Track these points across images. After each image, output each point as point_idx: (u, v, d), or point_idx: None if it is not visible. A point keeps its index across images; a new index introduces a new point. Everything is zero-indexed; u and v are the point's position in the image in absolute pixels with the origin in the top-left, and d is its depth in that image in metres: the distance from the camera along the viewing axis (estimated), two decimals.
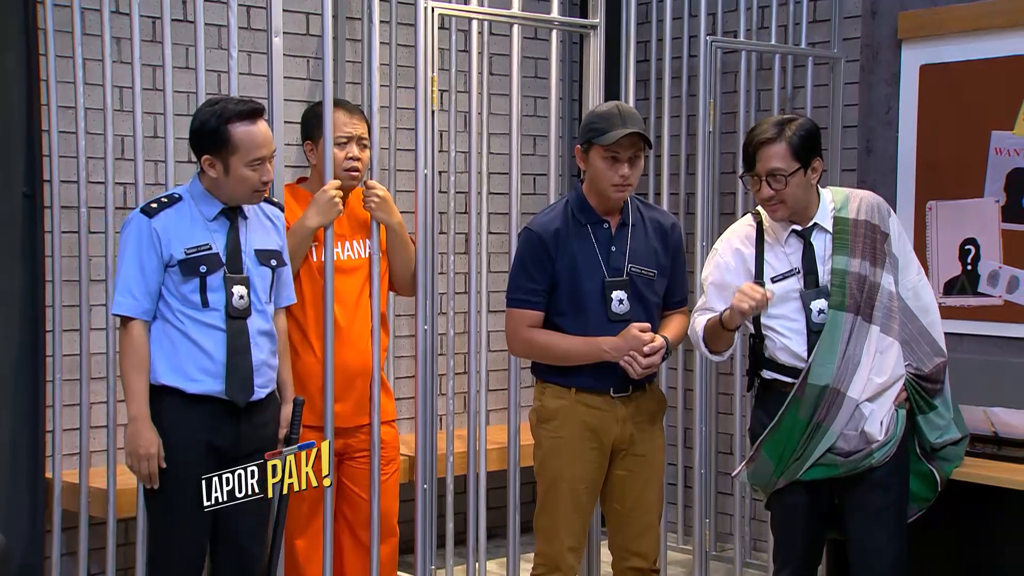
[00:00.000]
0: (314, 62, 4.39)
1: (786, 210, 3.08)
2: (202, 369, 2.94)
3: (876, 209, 3.14)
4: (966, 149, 4.20)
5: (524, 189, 4.39)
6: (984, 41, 4.15)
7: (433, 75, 3.68)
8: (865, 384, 3.04)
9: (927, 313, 3.16)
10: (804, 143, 3.05)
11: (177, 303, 2.94)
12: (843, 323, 3.04)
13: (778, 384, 3.12)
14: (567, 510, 3.15)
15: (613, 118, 3.07)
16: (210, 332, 2.95)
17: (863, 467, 3.05)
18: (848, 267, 3.06)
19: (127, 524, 3.73)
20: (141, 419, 2.91)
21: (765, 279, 3.11)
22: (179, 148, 3.64)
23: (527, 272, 3.13)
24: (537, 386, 3.24)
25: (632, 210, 3.19)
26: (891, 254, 3.12)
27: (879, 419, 3.04)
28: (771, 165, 3.03)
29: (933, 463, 3.17)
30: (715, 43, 4.28)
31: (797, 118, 3.10)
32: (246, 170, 2.94)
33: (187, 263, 2.93)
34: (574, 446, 3.14)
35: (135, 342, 2.93)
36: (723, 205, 4.58)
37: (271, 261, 3.06)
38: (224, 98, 3.01)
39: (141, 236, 2.93)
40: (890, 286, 3.09)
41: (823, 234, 3.11)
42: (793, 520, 3.14)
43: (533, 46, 4.73)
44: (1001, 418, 3.43)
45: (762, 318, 3.11)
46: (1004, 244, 4.14)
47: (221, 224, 3.00)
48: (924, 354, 3.14)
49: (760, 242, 3.14)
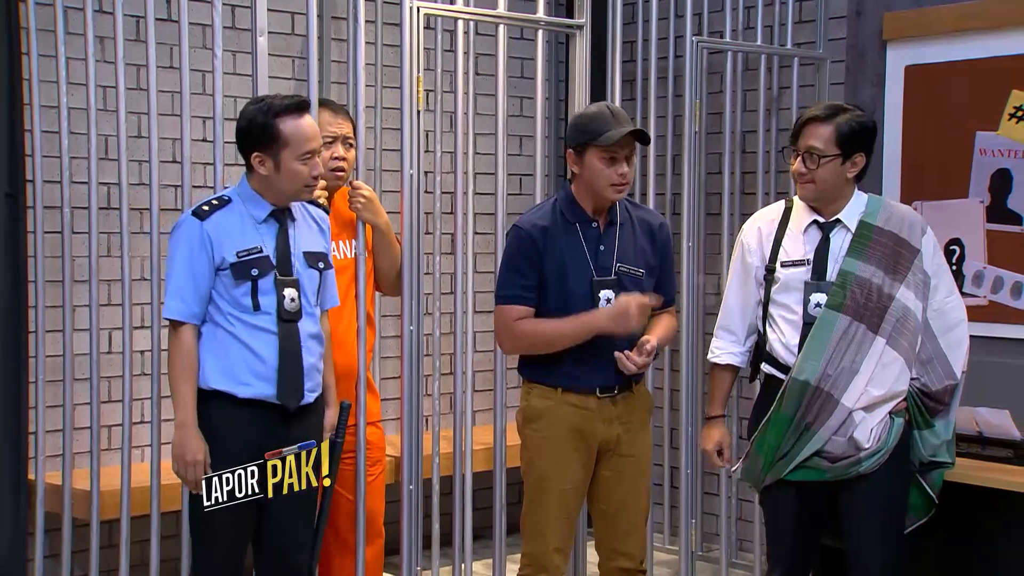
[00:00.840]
0: (299, 62, 4.40)
1: (814, 190, 3.08)
2: (253, 373, 2.94)
3: (908, 224, 3.12)
4: (951, 150, 4.24)
5: (510, 189, 4.41)
6: (969, 42, 4.19)
7: (419, 75, 3.69)
8: (861, 394, 3.04)
9: (947, 335, 3.14)
10: (853, 134, 3.04)
11: (228, 306, 2.94)
12: (837, 324, 3.04)
13: (773, 381, 3.14)
14: (554, 511, 3.16)
15: (606, 118, 3.08)
16: (262, 335, 2.95)
17: (851, 474, 3.05)
18: (857, 271, 3.06)
19: (111, 526, 3.74)
20: (189, 425, 2.91)
21: (776, 263, 3.12)
22: (163, 148, 3.65)
23: (516, 269, 3.14)
24: (524, 386, 3.25)
25: (620, 209, 3.21)
26: (921, 271, 3.10)
27: (869, 427, 3.04)
28: (810, 143, 3.04)
29: (924, 477, 3.18)
30: (701, 43, 4.31)
31: (856, 109, 3.11)
32: (297, 164, 2.94)
33: (239, 266, 2.93)
34: (561, 446, 3.15)
35: (185, 347, 2.93)
36: (709, 205, 4.61)
37: (319, 263, 3.07)
38: (267, 95, 3.02)
39: (192, 239, 2.93)
40: (907, 301, 3.07)
41: (843, 232, 3.11)
42: (782, 519, 3.16)
43: (519, 46, 4.74)
44: (985, 418, 3.47)
45: (768, 304, 3.13)
46: (989, 244, 4.18)
47: (271, 226, 3.00)
48: (936, 375, 3.13)
49: (783, 227, 3.15)
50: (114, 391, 3.96)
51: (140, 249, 3.84)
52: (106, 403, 3.88)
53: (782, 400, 3.08)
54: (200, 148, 3.98)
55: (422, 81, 3.72)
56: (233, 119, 4.15)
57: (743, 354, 3.22)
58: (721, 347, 3.24)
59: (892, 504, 3.11)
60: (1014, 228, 4.12)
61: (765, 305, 3.14)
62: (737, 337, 3.22)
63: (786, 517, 3.14)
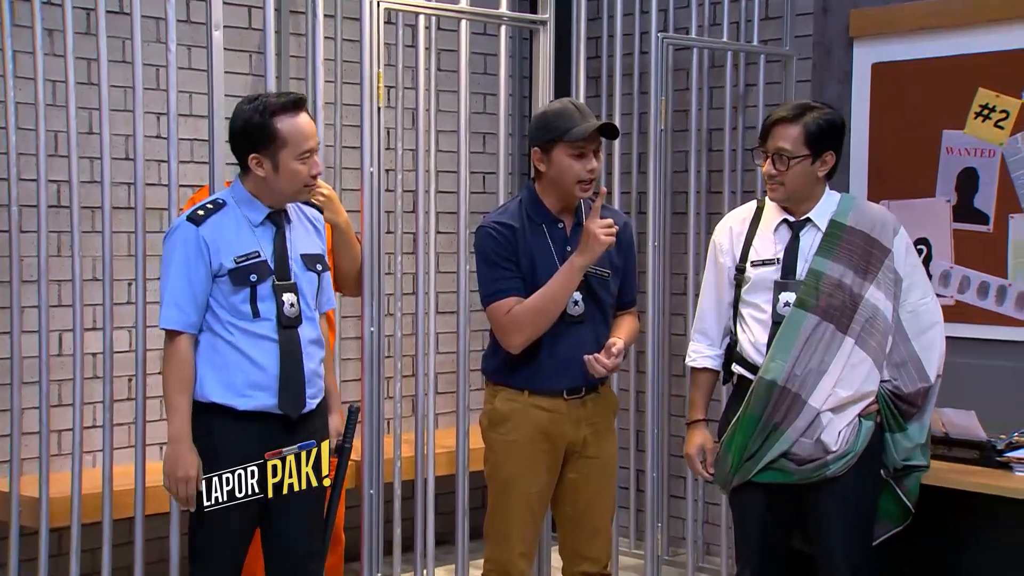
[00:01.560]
0: (256, 57, 4.36)
1: (784, 192, 3.09)
2: (253, 384, 2.89)
3: (880, 224, 3.13)
4: (917, 148, 4.27)
5: (473, 187, 4.39)
6: (935, 40, 4.21)
7: (379, 71, 3.67)
8: (828, 395, 3.04)
9: (921, 337, 3.14)
10: (821, 132, 3.05)
11: (227, 314, 2.88)
12: (805, 323, 3.05)
13: (743, 381, 3.14)
14: (519, 515, 3.15)
15: (572, 114, 3.07)
16: (261, 343, 2.89)
17: (817, 477, 3.06)
18: (826, 270, 3.06)
19: (60, 534, 3.68)
20: (182, 440, 2.85)
21: (747, 263, 3.13)
22: (115, 145, 3.60)
23: (494, 264, 3.10)
24: (488, 389, 3.24)
25: (586, 210, 3.21)
26: (892, 270, 3.11)
27: (837, 429, 3.04)
28: (779, 144, 3.05)
29: (898, 483, 3.18)
30: (667, 40, 4.31)
31: (825, 107, 3.10)
32: (296, 164, 2.89)
33: (237, 272, 2.87)
34: (527, 450, 3.14)
35: (181, 357, 2.87)
36: (675, 204, 4.61)
37: (316, 266, 3.02)
38: (260, 93, 2.96)
39: (188, 245, 2.86)
40: (877, 301, 3.08)
41: (814, 231, 3.12)
42: (749, 521, 3.16)
43: (482, 42, 4.73)
44: (951, 419, 3.49)
45: (739, 304, 3.14)
46: (955, 244, 4.21)
47: (267, 229, 2.95)
48: (909, 377, 3.13)
49: (754, 226, 3.16)
50: (64, 395, 3.91)
51: (91, 248, 3.79)
52: (56, 407, 3.82)
53: (750, 400, 3.08)
54: (154, 145, 3.94)
55: (383, 77, 3.69)
56: (187, 115, 4.18)
57: (720, 356, 3.23)
58: (698, 351, 3.25)
59: (860, 508, 3.11)
60: (981, 227, 4.15)
61: (736, 305, 3.15)
62: (712, 340, 3.23)
63: (753, 519, 3.15)
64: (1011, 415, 3.79)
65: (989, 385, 4.05)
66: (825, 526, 3.08)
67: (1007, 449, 3.45)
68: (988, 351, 4.11)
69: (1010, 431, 3.56)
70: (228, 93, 3.35)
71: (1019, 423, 3.67)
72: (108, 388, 3.32)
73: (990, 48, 4.09)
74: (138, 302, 3.32)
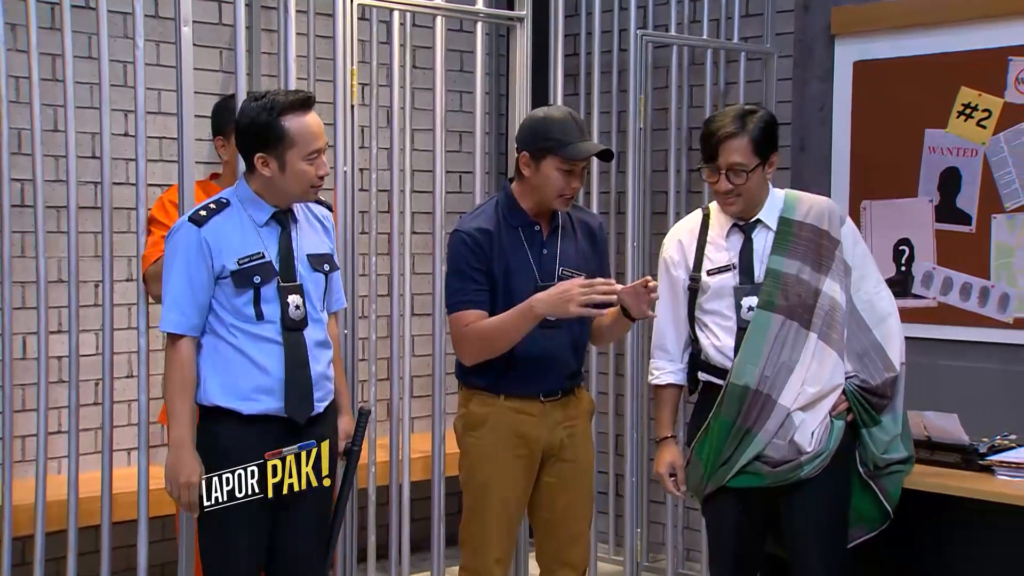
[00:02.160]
0: (227, 53, 4.34)
1: (742, 205, 3.11)
2: (258, 388, 2.87)
3: (827, 215, 3.16)
4: (900, 148, 4.29)
5: (449, 187, 4.39)
6: (917, 38, 4.24)
7: (353, 68, 3.67)
8: (798, 393, 3.07)
9: (882, 325, 3.17)
10: (765, 137, 3.08)
11: (230, 317, 2.87)
12: (771, 324, 3.07)
13: (711, 387, 3.16)
14: (496, 521, 3.15)
15: (571, 129, 3.06)
16: (266, 346, 2.88)
17: (791, 479, 3.07)
18: (783, 268, 3.10)
19: (24, 542, 3.65)
20: (184, 445, 2.84)
21: (702, 272, 3.15)
22: (81, 143, 3.57)
23: (461, 273, 3.10)
24: (462, 392, 3.24)
25: (562, 212, 3.21)
26: (841, 261, 3.14)
27: (810, 429, 3.07)
28: (733, 160, 3.06)
29: (876, 482, 3.20)
30: (646, 37, 4.32)
31: (757, 110, 3.13)
32: (303, 164, 2.87)
33: (240, 274, 2.85)
34: (503, 454, 3.14)
35: (183, 361, 2.86)
36: (654, 204, 4.62)
37: (324, 266, 3.00)
38: (267, 91, 2.94)
39: (190, 247, 2.84)
40: (835, 294, 3.12)
41: (765, 232, 3.15)
42: (723, 527, 3.17)
43: (457, 39, 4.72)
44: (933, 422, 3.50)
45: (696, 312, 3.16)
46: (938, 245, 4.23)
47: (272, 229, 2.93)
48: (875, 368, 3.16)
49: (703, 235, 3.18)
50: (29, 399, 3.88)
51: (57, 249, 3.76)
52: (19, 412, 3.80)
53: (721, 406, 3.10)
54: (121, 143, 3.92)
55: (356, 74, 3.69)
56: (156, 112, 4.16)
57: (682, 371, 3.25)
58: (660, 367, 3.26)
59: (834, 509, 3.13)
60: (963, 228, 4.17)
61: (692, 314, 3.17)
62: (672, 355, 3.24)
63: (727, 525, 3.16)
64: (994, 418, 3.81)
65: (971, 388, 4.08)
66: (799, 529, 3.10)
67: (989, 452, 3.47)
68: (970, 353, 4.14)
69: (992, 434, 3.58)
70: (197, 90, 3.33)
71: (1002, 426, 3.69)
72: (74, 392, 3.29)
73: (972, 46, 4.12)
74: (105, 304, 3.30)
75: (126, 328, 3.97)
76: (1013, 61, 4.04)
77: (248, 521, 2.89)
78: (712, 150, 3.08)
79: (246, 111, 2.89)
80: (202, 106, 3.58)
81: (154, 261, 3.28)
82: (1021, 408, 3.97)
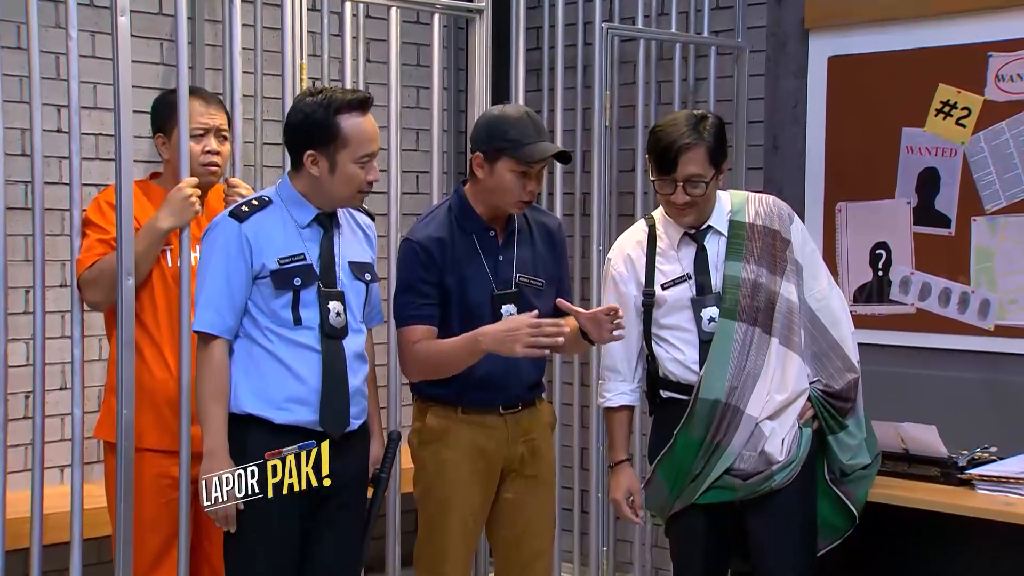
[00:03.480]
0: (167, 45, 4.30)
1: (699, 215, 3.13)
2: (292, 397, 2.87)
3: (776, 214, 3.19)
4: (876, 147, 4.31)
5: (405, 188, 4.36)
6: (894, 32, 4.26)
7: (302, 62, 3.64)
8: (765, 402, 3.08)
9: (838, 326, 3.21)
10: (719, 145, 3.10)
11: (266, 320, 2.87)
12: (735, 333, 3.09)
13: (673, 403, 3.15)
14: (453, 539, 3.14)
15: (527, 129, 3.04)
16: (303, 353, 2.88)
17: (763, 490, 3.09)
18: (741, 273, 3.11)
19: None
20: (219, 453, 2.84)
21: (655, 286, 3.15)
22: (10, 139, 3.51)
23: (410, 287, 3.10)
24: (416, 405, 3.22)
25: (518, 215, 3.19)
26: (793, 261, 3.17)
27: (780, 438, 3.09)
28: (691, 171, 3.06)
29: (842, 488, 3.22)
30: (611, 30, 4.32)
31: (707, 115, 3.13)
32: (354, 167, 2.88)
33: (280, 274, 2.86)
34: (461, 469, 3.13)
35: (216, 364, 2.85)
36: (621, 206, 4.62)
37: (365, 275, 3.00)
38: (325, 87, 2.94)
39: (230, 243, 2.86)
40: (791, 295, 3.15)
41: (717, 237, 3.16)
42: (691, 546, 3.17)
43: (413, 31, 4.70)
44: (911, 434, 3.52)
45: (652, 327, 3.15)
46: (916, 248, 4.25)
47: (314, 232, 2.94)
48: (835, 369, 3.19)
49: (652, 248, 3.18)
50: None
51: None
52: None
53: (690, 422, 3.10)
54: (53, 140, 3.86)
55: (306, 68, 3.66)
56: (91, 107, 4.11)
57: (635, 391, 3.26)
58: (610, 390, 3.26)
59: (805, 519, 3.16)
60: (942, 231, 4.20)
61: (648, 331, 3.16)
62: (624, 375, 3.24)
63: (695, 544, 3.17)
64: (974, 430, 3.83)
65: (951, 398, 4.10)
66: (768, 543, 3.11)
67: (969, 466, 3.48)
68: (950, 362, 4.16)
69: (973, 447, 3.60)
70: (136, 84, 3.29)
71: (982, 438, 3.71)
72: (2, 406, 3.23)
73: (951, 41, 4.15)
74: (36, 311, 3.24)
75: (59, 337, 3.91)
76: (993, 57, 4.07)
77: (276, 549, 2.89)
78: (669, 163, 3.06)
79: (300, 107, 2.92)
80: (141, 101, 3.52)
81: (89, 266, 3.23)
82: (1002, 419, 4.00)
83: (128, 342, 3.09)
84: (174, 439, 3.20)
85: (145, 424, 3.18)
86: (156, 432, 3.22)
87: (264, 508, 2.85)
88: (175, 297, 3.25)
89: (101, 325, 3.48)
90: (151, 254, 3.24)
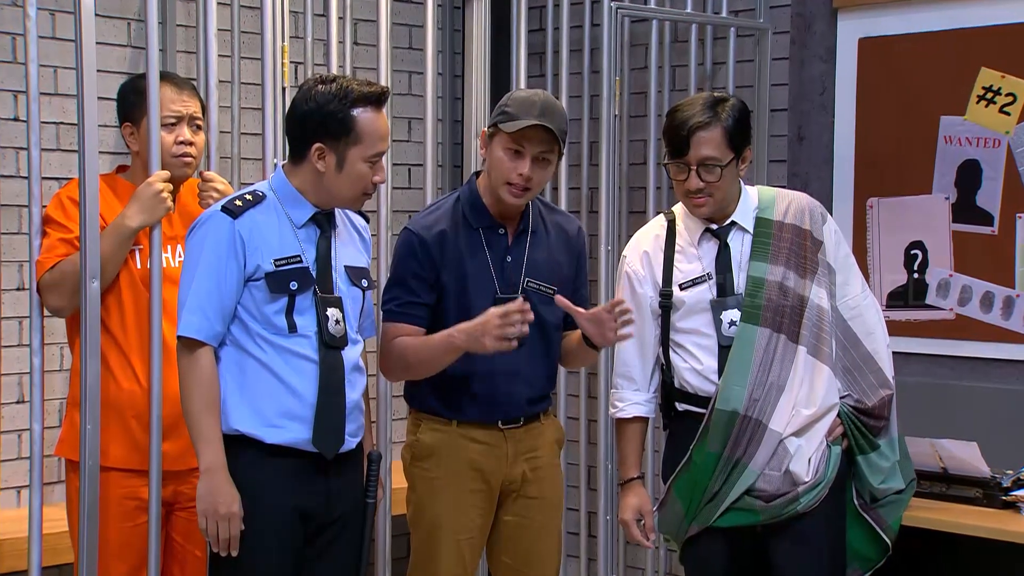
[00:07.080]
0: (136, 25, 4.30)
1: (714, 205, 3.12)
2: (285, 412, 2.87)
3: (808, 213, 3.19)
4: (912, 137, 4.31)
5: (396, 183, 4.37)
6: (931, 11, 4.26)
7: (284, 44, 3.65)
8: (791, 416, 3.08)
9: (872, 337, 3.20)
10: (739, 129, 3.10)
11: (258, 326, 2.87)
12: (757, 339, 3.08)
13: (690, 417, 3.15)
14: (448, 565, 3.14)
15: (528, 105, 3.05)
16: (298, 364, 2.88)
17: (787, 514, 3.08)
18: (767, 275, 3.11)
19: None
20: (218, 470, 2.83)
21: (673, 286, 3.15)
22: None
23: (401, 282, 3.12)
24: (411, 418, 3.23)
25: (534, 214, 3.20)
26: (824, 264, 3.17)
27: (807, 456, 3.08)
28: (705, 153, 3.07)
29: (872, 513, 3.21)
30: (621, 10, 4.32)
31: (728, 98, 3.15)
32: (363, 166, 2.90)
33: (276, 277, 2.86)
34: (456, 488, 3.14)
35: (206, 374, 2.84)
36: (631, 202, 4.63)
37: (362, 281, 3.01)
38: (338, 76, 2.95)
39: (221, 241, 2.85)
40: (821, 301, 3.15)
41: (742, 235, 3.17)
42: (709, 573, 3.17)
43: (405, 11, 4.71)
44: (949, 451, 3.52)
45: (670, 333, 3.15)
46: (955, 248, 4.26)
47: (310, 232, 2.94)
48: (868, 385, 3.19)
49: (671, 244, 3.18)
50: None
51: None
52: None
53: (707, 435, 3.10)
54: (10, 129, 3.88)
55: (288, 52, 3.66)
56: (51, 94, 4.11)
57: (649, 401, 3.26)
58: (624, 399, 3.26)
59: (832, 549, 3.15)
60: (984, 229, 4.20)
61: (665, 336, 3.16)
62: (639, 384, 3.24)
63: (713, 572, 3.16)
64: (1019, 447, 3.83)
65: (993, 412, 4.09)
66: (792, 572, 3.10)
67: (1014, 487, 3.49)
68: (992, 372, 4.16)
69: (1018, 466, 3.60)
70: (102, 68, 3.31)
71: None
72: None
73: (995, 21, 4.15)
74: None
75: (16, 345, 3.92)
76: None
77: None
78: (681, 143, 3.08)
79: (312, 95, 2.90)
80: (107, 87, 3.53)
81: (50, 267, 3.23)
82: None
83: (92, 351, 3.09)
84: (143, 457, 3.21)
85: (111, 440, 3.18)
86: (123, 449, 3.22)
87: (267, 537, 2.85)
88: (144, 302, 3.25)
89: (63, 332, 3.48)
90: (118, 255, 3.24)
